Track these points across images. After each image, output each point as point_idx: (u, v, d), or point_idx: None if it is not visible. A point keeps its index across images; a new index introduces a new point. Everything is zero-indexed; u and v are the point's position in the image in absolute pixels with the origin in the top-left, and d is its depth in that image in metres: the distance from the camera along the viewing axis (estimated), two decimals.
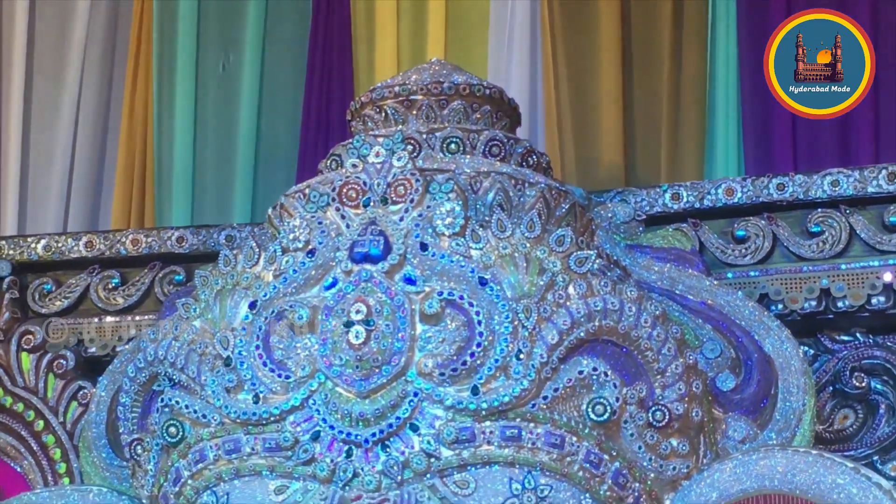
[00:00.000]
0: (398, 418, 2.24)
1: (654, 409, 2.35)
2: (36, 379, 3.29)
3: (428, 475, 2.23)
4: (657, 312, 2.43)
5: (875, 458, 2.90)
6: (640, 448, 2.34)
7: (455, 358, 2.24)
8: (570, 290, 2.33)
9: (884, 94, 3.76)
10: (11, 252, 3.46)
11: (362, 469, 2.23)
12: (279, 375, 2.30)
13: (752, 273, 3.04)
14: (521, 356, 2.25)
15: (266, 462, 2.29)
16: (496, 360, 2.24)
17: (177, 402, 2.40)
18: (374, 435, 2.24)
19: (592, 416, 2.28)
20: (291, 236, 2.45)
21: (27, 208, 3.90)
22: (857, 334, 3.05)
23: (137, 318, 3.35)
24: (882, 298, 2.98)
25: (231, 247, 2.68)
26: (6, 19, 3.99)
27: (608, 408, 2.27)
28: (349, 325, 2.28)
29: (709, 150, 3.65)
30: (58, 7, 4.01)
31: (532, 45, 3.66)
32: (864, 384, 2.99)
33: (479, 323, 2.25)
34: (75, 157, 3.87)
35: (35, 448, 3.20)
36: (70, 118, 3.90)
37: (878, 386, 3.00)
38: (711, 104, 3.71)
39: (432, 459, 2.23)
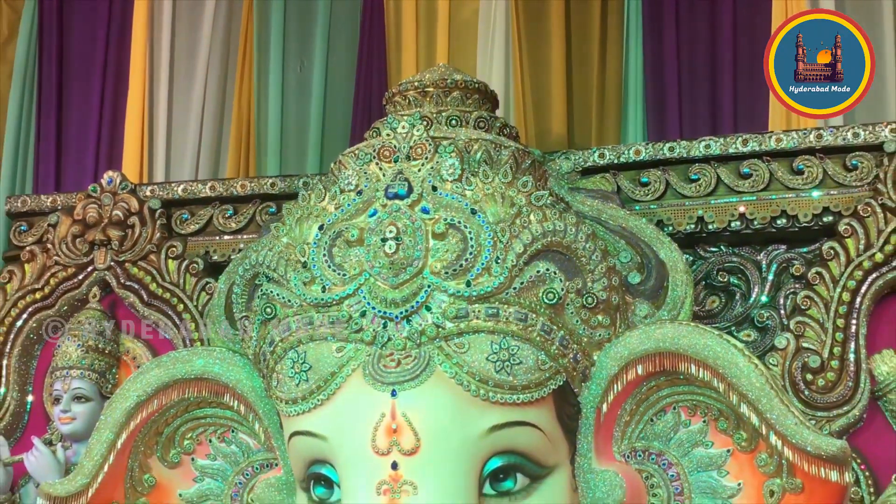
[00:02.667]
0: (417, 302, 2.48)
1: (586, 296, 2.58)
2: (178, 277, 3.51)
3: (437, 339, 2.47)
4: (589, 232, 2.64)
5: (732, 328, 3.18)
6: (577, 322, 2.57)
7: (455, 262, 2.49)
8: (531, 217, 2.55)
9: (742, 78, 3.83)
10: (161, 193, 3.68)
11: (393, 335, 2.48)
12: (338, 273, 2.54)
13: (651, 206, 3.28)
14: (499, 261, 2.49)
15: (330, 331, 2.52)
16: (482, 264, 2.49)
17: (271, 292, 2.64)
18: (401, 313, 2.48)
19: (546, 300, 2.52)
20: (346, 182, 2.69)
21: (171, 162, 4.12)
22: (721, 246, 3.31)
23: (244, 237, 3.56)
24: (738, 223, 3.25)
25: (306, 189, 2.79)
26: (156, 20, 4.17)
27: (556, 295, 2.53)
28: (384, 240, 2.50)
29: (623, 123, 3.83)
30: (192, 10, 4.19)
31: (505, 48, 3.83)
32: (725, 279, 3.28)
33: (471, 239, 2.50)
34: (203, 125, 4.08)
35: (178, 323, 3.43)
36: (199, 96, 4.12)
37: (735, 280, 3.27)
38: (626, 89, 3.85)
39: (440, 329, 2.47)
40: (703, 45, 3.80)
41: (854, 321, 3.06)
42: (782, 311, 3.21)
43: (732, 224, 3.28)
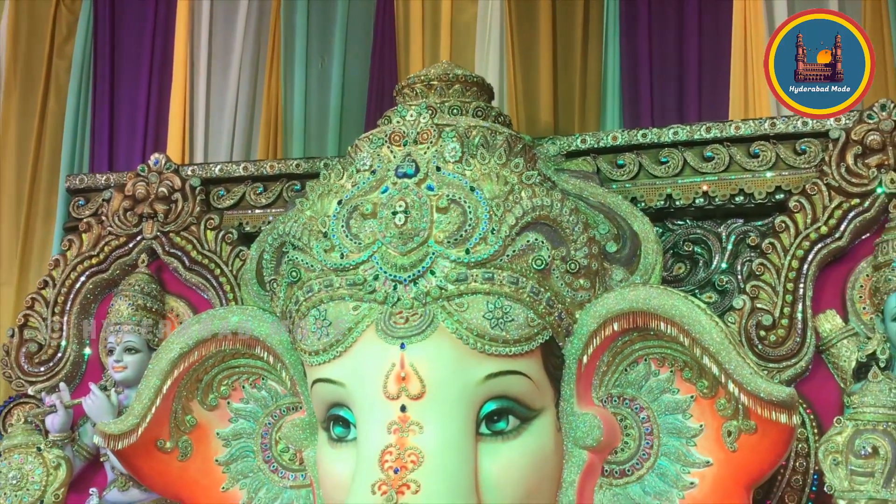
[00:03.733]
0: (423, 267, 2.48)
1: (570, 262, 2.59)
2: (215, 245, 3.50)
3: (440, 300, 2.48)
4: (572, 207, 2.64)
5: (696, 291, 3.18)
6: (562, 285, 2.58)
7: (456, 232, 2.49)
8: (522, 194, 2.56)
9: (706, 74, 3.76)
10: (200, 172, 3.67)
11: (402, 296, 2.49)
12: (354, 242, 2.54)
13: (626, 185, 3.28)
14: (494, 232, 2.49)
15: (347, 292, 2.53)
16: (480, 234, 2.49)
17: (296, 258, 2.64)
18: (409, 276, 2.49)
19: (534, 266, 2.52)
20: (361, 163, 2.68)
21: (209, 145, 4.11)
22: (687, 220, 3.31)
23: (272, 210, 3.56)
24: (701, 200, 3.25)
25: (327, 169, 2.78)
26: (196, 21, 4.16)
27: (543, 261, 2.53)
28: (395, 213, 2.50)
29: (602, 112, 3.80)
30: (227, 11, 4.17)
31: (500, 47, 3.81)
32: (690, 249, 3.28)
33: (470, 212, 2.51)
34: (237, 113, 4.06)
35: (216, 285, 3.42)
36: (234, 88, 4.10)
37: (698, 250, 3.27)
38: (604, 83, 3.81)
39: (443, 290, 2.48)
40: (671, 45, 3.77)
41: (802, 285, 3.07)
42: (739, 277, 3.22)
43: (696, 201, 3.28)
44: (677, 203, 3.27)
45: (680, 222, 3.33)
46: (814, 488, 2.89)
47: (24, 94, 4.26)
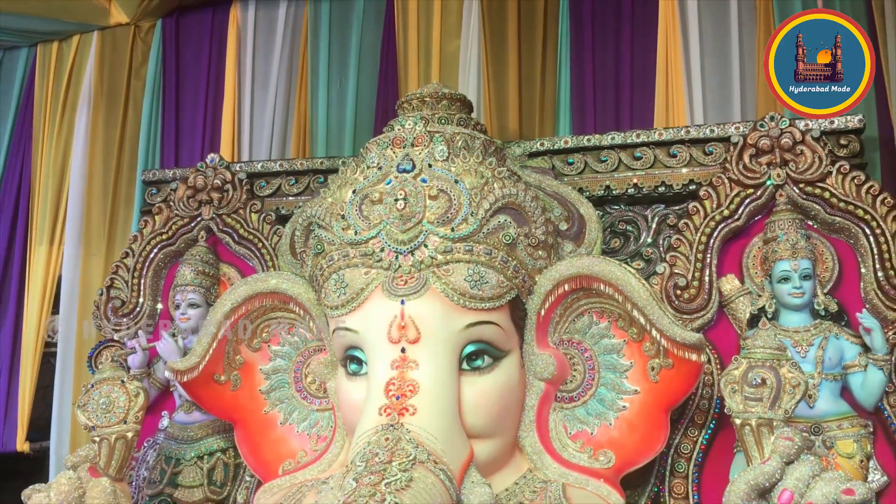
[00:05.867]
0: (418, 242, 2.50)
1: (531, 237, 2.59)
2: (258, 225, 3.45)
3: (431, 267, 2.48)
4: (533, 195, 2.64)
5: (628, 260, 3.13)
6: (525, 255, 2.58)
7: (444, 215, 2.50)
8: (495, 185, 2.56)
9: (637, 91, 3.67)
10: (246, 168, 3.62)
11: (402, 264, 2.50)
12: (366, 222, 2.54)
13: (575, 178, 3.22)
14: (473, 214, 2.50)
15: (360, 261, 2.53)
16: (462, 216, 2.50)
17: (320, 234, 2.64)
18: (408, 249, 2.50)
19: (504, 241, 2.53)
20: (371, 161, 2.68)
21: (253, 146, 4.02)
22: (621, 205, 3.25)
23: (303, 198, 3.50)
24: (632, 190, 3.18)
25: (344, 166, 2.79)
26: (242, 48, 4.08)
27: (511, 237, 2.54)
28: (396, 200, 2.52)
29: (556, 122, 3.72)
30: (266, 43, 4.09)
31: (477, 71, 3.76)
32: (623, 228, 3.23)
33: (454, 200, 2.52)
34: (274, 123, 3.98)
35: (258, 256, 3.38)
36: (272, 102, 4.00)
37: (630, 228, 3.22)
38: (558, 98, 3.74)
39: (433, 260, 2.48)
40: (609, 67, 3.69)
41: (709, 255, 3.05)
42: (661, 249, 3.20)
43: (629, 191, 3.24)
44: (614, 192, 3.23)
45: (616, 207, 3.28)
46: (717, 410, 2.89)
47: (108, 108, 4.21)
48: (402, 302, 2.45)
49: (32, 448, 3.91)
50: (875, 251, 2.88)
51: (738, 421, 2.32)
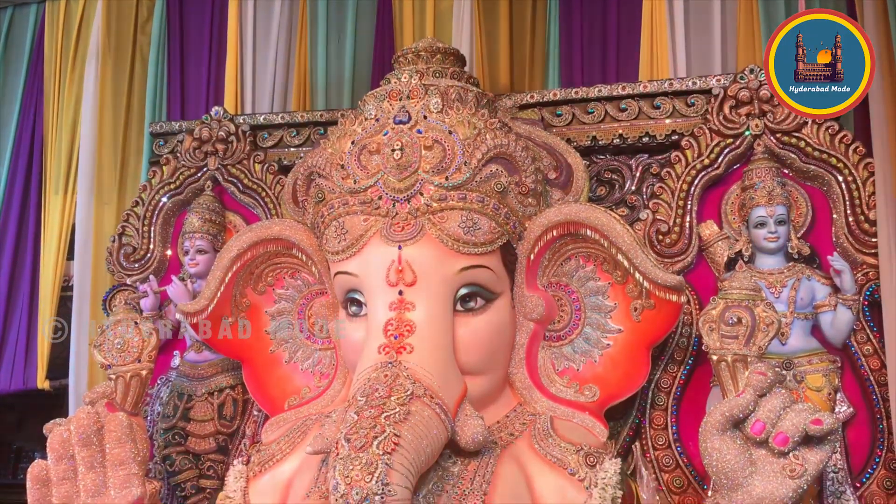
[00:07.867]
0: (414, 190, 2.46)
1: (521, 186, 2.58)
2: (262, 175, 3.46)
3: (427, 213, 2.46)
4: (523, 145, 2.61)
5: (613, 206, 3.11)
6: (516, 202, 2.57)
7: (438, 164, 2.47)
8: (487, 135, 2.53)
9: (623, 45, 3.62)
10: (249, 120, 3.60)
11: (399, 211, 2.47)
12: (364, 171, 2.52)
13: (563, 129, 3.22)
14: (466, 164, 2.48)
15: (359, 208, 2.51)
16: (456, 165, 2.47)
17: (321, 183, 2.61)
18: (404, 196, 2.47)
19: (496, 189, 2.51)
20: (368, 113, 2.64)
21: (255, 99, 3.98)
22: (607, 155, 3.25)
23: (304, 149, 3.49)
24: (618, 140, 3.17)
25: (343, 118, 2.75)
26: (243, 4, 4.04)
27: (502, 185, 2.52)
28: (393, 150, 2.48)
29: (546, 75, 3.69)
30: (266, 7, 4.05)
31: (470, 26, 3.70)
32: (609, 176, 3.22)
33: (449, 150, 2.48)
34: (276, 76, 3.94)
35: (262, 204, 3.33)
36: (273, 56, 3.96)
37: (615, 177, 3.22)
38: (547, 52, 3.69)
39: (429, 207, 2.46)
40: (597, 22, 3.66)
41: (689, 202, 3.06)
42: (645, 196, 3.19)
43: (614, 141, 3.23)
44: (600, 143, 3.20)
45: (602, 156, 3.27)
46: (695, 347, 2.92)
47: (116, 63, 4.16)
48: (400, 247, 2.43)
49: (52, 385, 3.94)
50: (846, 198, 2.90)
51: (714, 357, 2.34)
